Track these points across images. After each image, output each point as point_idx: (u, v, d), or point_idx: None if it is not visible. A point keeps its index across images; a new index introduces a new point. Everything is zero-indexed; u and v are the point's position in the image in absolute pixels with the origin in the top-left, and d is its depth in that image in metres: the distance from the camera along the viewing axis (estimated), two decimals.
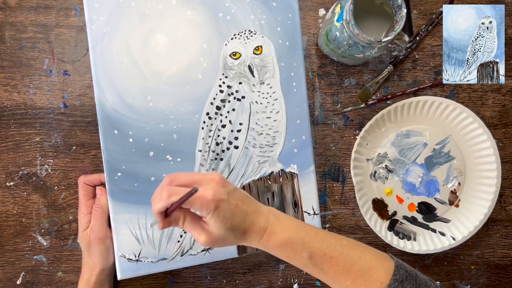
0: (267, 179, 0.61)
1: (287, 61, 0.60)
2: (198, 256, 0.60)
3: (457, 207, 0.66)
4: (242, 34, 0.59)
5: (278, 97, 0.60)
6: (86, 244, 0.57)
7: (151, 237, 0.58)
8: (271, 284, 0.66)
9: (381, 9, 0.59)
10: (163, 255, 0.59)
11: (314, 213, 0.62)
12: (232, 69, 0.59)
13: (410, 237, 0.65)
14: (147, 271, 0.59)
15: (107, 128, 0.57)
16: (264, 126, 0.60)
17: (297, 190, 0.62)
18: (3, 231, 0.63)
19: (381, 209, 0.65)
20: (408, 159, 0.65)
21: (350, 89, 0.66)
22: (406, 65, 0.67)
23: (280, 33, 0.60)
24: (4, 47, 0.62)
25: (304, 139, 0.61)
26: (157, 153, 0.58)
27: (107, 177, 0.57)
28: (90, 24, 0.57)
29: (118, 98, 0.57)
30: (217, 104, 0.59)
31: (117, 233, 0.58)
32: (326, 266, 0.47)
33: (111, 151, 0.57)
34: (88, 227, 0.57)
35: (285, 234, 0.46)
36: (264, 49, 0.60)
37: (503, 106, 0.68)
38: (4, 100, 0.62)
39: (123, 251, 0.58)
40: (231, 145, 0.60)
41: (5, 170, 0.63)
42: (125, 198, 0.58)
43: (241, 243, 0.47)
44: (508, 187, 0.68)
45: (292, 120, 0.61)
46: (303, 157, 0.61)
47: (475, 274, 0.69)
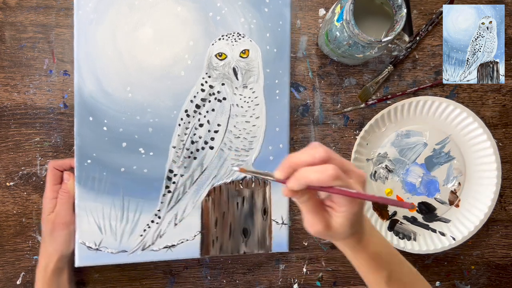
0: (239, 183, 0.61)
1: (273, 68, 0.60)
2: (160, 252, 0.59)
3: (457, 207, 0.66)
4: (230, 36, 0.59)
5: (259, 103, 0.60)
6: (50, 228, 0.57)
7: (114, 228, 0.58)
8: (271, 284, 0.66)
9: (381, 9, 0.59)
10: (124, 247, 0.58)
11: (282, 222, 0.62)
12: (216, 69, 0.59)
13: (410, 237, 0.65)
14: (105, 261, 0.58)
15: (83, 114, 0.56)
16: (242, 130, 0.60)
17: (268, 198, 0.61)
18: (3, 231, 0.63)
19: (381, 209, 0.65)
20: (408, 159, 0.65)
21: (350, 89, 0.66)
22: (406, 65, 0.67)
23: (269, 39, 0.60)
24: (4, 47, 0.62)
25: (281, 148, 0.61)
26: (130, 145, 0.58)
27: (76, 163, 0.57)
28: (77, 8, 0.56)
29: (97, 86, 0.57)
30: (197, 103, 0.59)
31: (80, 220, 0.57)
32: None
33: (84, 137, 0.57)
34: (53, 212, 0.57)
35: (377, 248, 0.46)
36: (251, 53, 0.59)
37: (503, 106, 0.68)
38: (4, 100, 0.62)
39: (83, 239, 0.57)
40: (207, 145, 0.59)
41: (5, 170, 0.63)
42: (93, 186, 0.57)
43: (342, 242, 0.45)
44: (508, 187, 0.68)
45: (271, 127, 0.60)
46: (278, 165, 0.61)
47: (475, 274, 0.69)
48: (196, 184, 0.60)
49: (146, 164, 0.58)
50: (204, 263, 0.65)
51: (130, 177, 0.58)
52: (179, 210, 0.59)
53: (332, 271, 0.67)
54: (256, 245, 0.61)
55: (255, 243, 0.61)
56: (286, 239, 0.62)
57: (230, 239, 0.60)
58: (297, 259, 0.67)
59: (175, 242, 0.59)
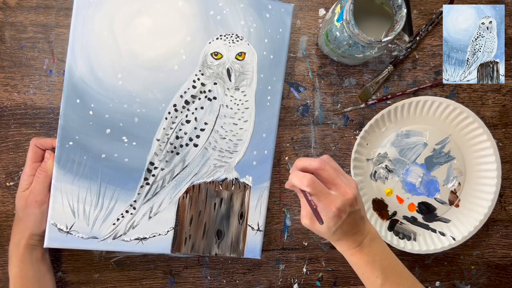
0: (219, 184, 0.60)
1: (267, 74, 0.60)
2: (130, 243, 0.59)
3: (457, 207, 0.66)
4: (228, 36, 0.59)
5: (249, 107, 0.60)
6: (23, 205, 0.57)
7: (87, 213, 0.58)
8: (271, 284, 0.66)
9: (381, 9, 0.59)
10: (95, 233, 0.58)
11: (258, 229, 0.61)
12: (211, 68, 0.58)
13: (410, 237, 0.65)
14: (75, 246, 0.57)
15: (70, 96, 0.56)
16: (228, 132, 0.60)
17: (246, 202, 0.61)
18: (3, 231, 0.63)
19: (381, 209, 0.65)
20: (408, 159, 0.65)
21: (350, 89, 0.66)
22: (406, 65, 0.67)
23: (267, 45, 0.60)
24: (4, 47, 0.62)
25: (266, 154, 0.61)
26: (114, 132, 0.57)
27: (58, 143, 0.56)
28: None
29: (89, 69, 0.56)
30: (187, 99, 0.58)
31: (54, 201, 0.57)
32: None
33: (69, 118, 0.56)
34: (28, 189, 0.57)
35: (370, 258, 0.51)
36: (247, 56, 0.59)
37: (503, 106, 0.68)
38: (4, 100, 0.62)
39: (55, 220, 0.57)
40: (191, 142, 0.59)
41: (5, 170, 0.63)
42: (71, 168, 0.57)
43: (333, 243, 0.53)
44: (508, 187, 0.68)
45: (258, 132, 0.60)
46: (260, 171, 0.61)
47: (475, 274, 0.69)
48: (176, 179, 0.59)
49: (128, 154, 0.58)
50: (204, 263, 0.65)
51: (110, 165, 0.57)
52: (155, 203, 0.59)
53: (332, 271, 0.67)
54: (228, 248, 0.61)
55: (227, 246, 0.61)
56: (259, 246, 0.62)
57: (203, 239, 0.60)
58: (297, 259, 0.67)
59: (147, 235, 0.59)
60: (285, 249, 0.66)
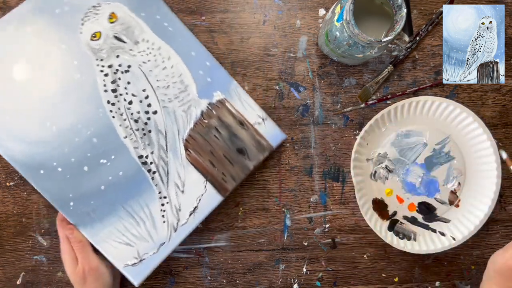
0: (202, 120, 0.60)
1: (145, 8, 0.58)
2: (189, 223, 0.59)
3: (457, 207, 0.66)
4: (89, 13, 0.57)
5: (160, 45, 0.59)
6: (81, 279, 0.56)
7: (138, 234, 0.58)
8: (271, 284, 0.66)
9: (381, 9, 0.59)
10: (159, 241, 0.58)
11: (263, 119, 0.61)
12: (101, 49, 0.57)
13: (410, 237, 0.65)
14: (156, 263, 0.58)
15: (32, 173, 0.56)
16: (166, 78, 0.59)
17: (235, 111, 0.60)
18: (3, 231, 0.63)
19: (381, 209, 0.65)
20: (408, 159, 0.65)
21: (350, 89, 0.66)
22: (406, 65, 0.67)
23: None
24: None
25: (209, 65, 0.60)
26: (90, 165, 0.57)
27: (63, 213, 0.56)
28: None
29: (21, 142, 0.56)
30: (111, 88, 0.57)
31: (107, 252, 0.57)
32: None
33: (49, 189, 0.56)
34: (78, 263, 0.56)
35: None
36: (117, 13, 0.57)
37: (503, 106, 0.68)
38: None
39: (123, 261, 0.57)
40: (150, 114, 0.58)
41: (5, 170, 0.63)
42: (91, 218, 0.57)
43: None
44: (508, 187, 0.68)
45: (186, 55, 0.59)
46: (219, 80, 0.60)
47: (475, 274, 0.69)
48: (169, 149, 0.59)
49: (117, 168, 0.58)
50: (204, 263, 0.65)
51: (114, 188, 0.57)
52: (175, 179, 0.59)
53: (332, 271, 0.67)
54: (257, 153, 0.60)
55: (255, 153, 0.60)
56: (276, 129, 0.61)
57: (234, 166, 0.60)
58: (297, 259, 0.67)
59: (194, 204, 0.59)
60: (285, 249, 0.66)
